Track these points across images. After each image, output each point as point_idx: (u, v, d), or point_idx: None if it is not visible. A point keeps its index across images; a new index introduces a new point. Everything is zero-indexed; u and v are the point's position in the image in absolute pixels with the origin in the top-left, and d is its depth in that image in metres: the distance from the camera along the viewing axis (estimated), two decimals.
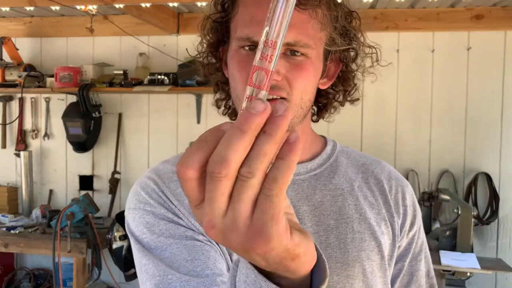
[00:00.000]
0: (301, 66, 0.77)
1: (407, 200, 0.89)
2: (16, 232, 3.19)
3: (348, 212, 0.84)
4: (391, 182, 0.90)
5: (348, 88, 0.89)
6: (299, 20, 0.75)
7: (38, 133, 3.82)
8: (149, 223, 0.78)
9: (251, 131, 0.38)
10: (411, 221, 0.89)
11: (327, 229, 0.82)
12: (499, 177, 3.31)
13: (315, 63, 0.79)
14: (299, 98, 0.78)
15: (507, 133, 3.29)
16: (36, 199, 3.80)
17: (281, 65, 0.75)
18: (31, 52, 3.82)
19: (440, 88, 3.34)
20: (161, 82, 3.32)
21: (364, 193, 0.87)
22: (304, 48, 0.76)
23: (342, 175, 0.88)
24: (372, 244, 0.83)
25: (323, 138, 0.95)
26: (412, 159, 3.37)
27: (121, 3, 2.79)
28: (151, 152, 3.68)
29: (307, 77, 0.78)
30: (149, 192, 0.81)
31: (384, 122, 3.40)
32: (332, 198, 0.85)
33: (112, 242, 3.03)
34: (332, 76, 0.86)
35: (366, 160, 0.93)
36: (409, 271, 0.89)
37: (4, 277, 3.68)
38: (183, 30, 3.56)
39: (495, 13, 3.24)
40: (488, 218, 3.27)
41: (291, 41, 0.75)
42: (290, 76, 0.76)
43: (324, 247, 0.81)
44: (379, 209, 0.86)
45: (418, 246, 0.90)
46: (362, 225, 0.84)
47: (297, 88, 0.77)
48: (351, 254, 0.81)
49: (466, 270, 2.50)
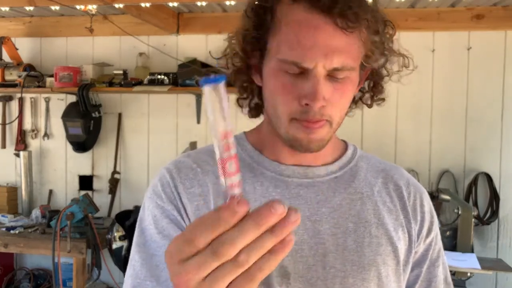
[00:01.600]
0: (343, 89, 0.77)
1: (425, 207, 0.90)
2: (16, 232, 3.19)
3: (366, 216, 0.84)
4: (409, 188, 0.90)
5: (376, 92, 0.91)
6: (347, 44, 0.74)
7: (38, 133, 3.82)
8: (155, 217, 0.81)
9: (264, 227, 0.42)
10: (428, 227, 0.89)
11: (345, 232, 0.82)
12: (500, 177, 3.30)
13: (354, 80, 0.80)
14: (339, 117, 0.80)
15: (508, 133, 3.29)
16: (35, 199, 3.79)
17: (326, 90, 0.74)
18: (31, 52, 3.82)
19: (441, 88, 3.34)
20: (161, 82, 3.32)
21: (383, 198, 0.87)
22: (349, 71, 0.76)
23: (362, 180, 0.88)
24: (388, 249, 0.83)
25: (344, 142, 0.96)
26: (413, 159, 3.36)
27: (121, 3, 2.79)
28: (151, 152, 3.67)
29: (348, 97, 0.80)
30: (164, 185, 0.83)
31: (384, 122, 3.39)
32: (351, 202, 0.85)
33: (112, 242, 3.03)
34: (362, 81, 0.87)
35: (386, 166, 0.93)
36: (427, 278, 0.89)
37: (4, 277, 3.68)
38: (183, 30, 3.55)
39: (496, 13, 3.23)
40: (488, 218, 3.26)
41: (338, 66, 0.74)
42: (333, 100, 0.76)
43: (342, 249, 0.81)
44: (397, 215, 0.87)
45: (436, 252, 0.91)
46: (380, 230, 0.84)
47: (339, 108, 0.78)
48: (367, 257, 0.81)
49: (467, 270, 2.50)
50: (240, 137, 0.91)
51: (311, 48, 0.73)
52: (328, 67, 0.74)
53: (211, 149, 0.87)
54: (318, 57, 0.73)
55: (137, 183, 3.67)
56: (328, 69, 0.74)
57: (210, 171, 0.84)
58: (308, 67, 0.73)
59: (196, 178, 0.83)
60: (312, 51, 0.73)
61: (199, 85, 0.44)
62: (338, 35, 0.73)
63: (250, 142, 0.90)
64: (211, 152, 0.85)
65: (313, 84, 0.74)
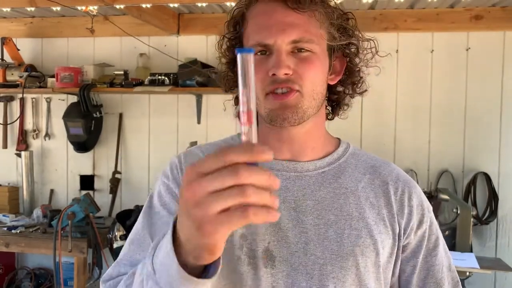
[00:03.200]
0: (308, 60, 0.86)
1: (413, 200, 0.94)
2: (17, 231, 3.20)
3: (348, 210, 0.90)
4: (397, 184, 0.95)
5: (355, 80, 0.97)
6: (301, 20, 0.86)
7: (39, 133, 3.83)
8: (160, 193, 0.94)
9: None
10: (419, 219, 0.93)
11: (326, 223, 0.88)
12: (498, 177, 3.32)
13: (321, 57, 0.88)
14: (310, 89, 0.87)
15: (506, 133, 3.30)
16: (37, 199, 3.81)
17: (290, 61, 0.85)
18: (32, 53, 3.83)
19: (439, 89, 3.35)
20: (161, 83, 3.33)
21: (367, 194, 0.92)
22: (308, 43, 0.86)
23: (348, 176, 0.94)
24: (367, 241, 0.88)
25: (337, 140, 1.01)
26: (412, 159, 3.38)
27: (122, 3, 2.80)
28: (152, 152, 3.69)
29: (315, 69, 0.87)
30: (172, 167, 0.96)
31: (383, 122, 3.40)
32: (335, 196, 0.91)
33: (113, 242, 3.04)
34: (339, 72, 0.95)
35: (376, 162, 0.98)
36: (425, 267, 0.94)
37: (5, 277, 3.69)
38: (183, 31, 3.57)
39: (494, 14, 3.25)
40: (487, 218, 3.28)
41: (296, 38, 0.85)
42: (299, 70, 0.85)
43: (322, 239, 0.87)
44: (379, 210, 0.92)
45: (432, 242, 0.95)
46: (360, 223, 0.89)
47: (307, 79, 0.86)
48: (346, 247, 0.87)
49: (465, 269, 2.51)
50: (233, 138, 1.01)
51: (269, 27, 0.85)
52: (287, 40, 0.85)
53: (217, 143, 1.01)
54: (276, 33, 0.85)
55: (138, 182, 3.68)
56: (288, 42, 0.85)
57: None
58: (269, 43, 0.85)
59: None
60: (270, 29, 0.85)
61: (235, 52, 0.57)
62: (291, 13, 0.85)
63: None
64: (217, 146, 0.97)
65: (276, 56, 0.85)
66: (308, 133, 0.92)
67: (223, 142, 1.02)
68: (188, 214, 0.54)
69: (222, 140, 1.03)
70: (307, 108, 0.87)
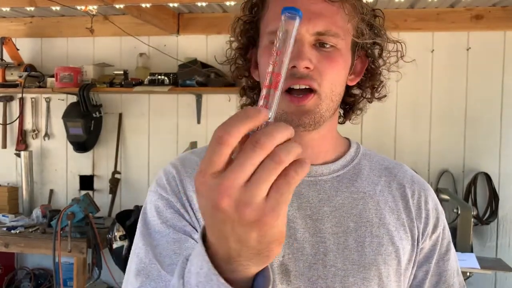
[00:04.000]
0: (331, 57, 0.78)
1: (429, 204, 0.90)
2: (17, 232, 3.20)
3: (368, 216, 0.84)
4: (413, 186, 0.90)
5: (375, 84, 0.91)
6: (329, 11, 0.78)
7: (39, 133, 3.83)
8: (159, 208, 0.81)
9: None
10: (434, 224, 0.89)
11: (346, 231, 0.82)
12: (499, 177, 3.31)
13: (345, 55, 0.81)
14: (329, 90, 0.79)
15: (507, 133, 3.30)
16: (36, 199, 3.80)
17: (312, 54, 0.77)
18: (32, 52, 3.82)
19: (440, 88, 3.35)
20: (161, 82, 3.32)
21: (385, 198, 0.87)
22: (334, 38, 0.78)
23: (365, 179, 0.88)
24: (389, 249, 0.83)
25: (347, 140, 0.95)
26: (412, 159, 3.37)
27: (121, 3, 2.80)
28: (151, 152, 3.68)
29: (337, 68, 0.79)
30: (169, 178, 0.84)
31: (383, 122, 3.40)
32: (353, 201, 0.85)
33: (112, 242, 3.04)
34: (359, 72, 0.88)
35: (389, 164, 0.93)
36: (437, 272, 0.89)
37: (5, 277, 3.69)
38: (183, 31, 3.56)
39: (495, 13, 3.24)
40: (487, 218, 3.27)
41: (321, 30, 0.77)
42: (320, 67, 0.77)
43: (342, 248, 0.81)
44: (399, 214, 0.86)
45: (444, 246, 0.91)
46: (381, 229, 0.84)
47: (327, 79, 0.78)
48: (368, 257, 0.81)
49: (466, 270, 2.50)
50: None
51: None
52: (311, 30, 0.76)
53: None
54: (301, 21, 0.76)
55: (138, 183, 3.68)
56: (312, 33, 0.77)
57: None
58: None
59: None
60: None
61: (281, 12, 0.51)
62: (319, 1, 0.77)
63: None
64: None
65: (298, 46, 0.76)
66: (323, 137, 0.86)
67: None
68: (238, 222, 0.45)
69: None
70: (324, 112, 0.80)
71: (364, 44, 0.84)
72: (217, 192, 0.44)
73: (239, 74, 0.91)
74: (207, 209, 0.46)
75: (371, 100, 0.93)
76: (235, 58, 0.90)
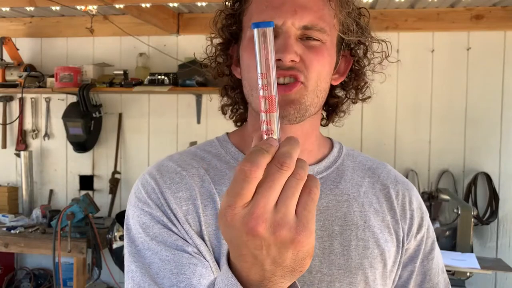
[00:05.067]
0: (317, 50, 0.76)
1: (413, 204, 0.89)
2: (17, 232, 3.20)
3: (353, 219, 0.83)
4: (397, 187, 0.89)
5: (360, 84, 0.88)
6: (315, 5, 0.76)
7: (39, 133, 3.82)
8: (145, 224, 0.77)
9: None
10: (418, 223, 0.88)
11: (331, 235, 0.81)
12: (499, 177, 3.31)
13: (330, 50, 0.78)
14: (314, 84, 0.77)
15: (507, 133, 3.30)
16: (36, 199, 3.80)
17: (298, 47, 0.75)
18: (31, 52, 3.82)
19: (440, 88, 3.35)
20: (161, 82, 3.32)
21: (370, 199, 0.86)
22: (320, 32, 0.76)
23: (348, 180, 0.86)
24: (375, 252, 0.82)
25: (329, 140, 0.93)
26: (412, 159, 3.37)
27: (121, 3, 2.80)
28: (151, 152, 3.68)
29: (323, 61, 0.77)
30: (148, 191, 0.79)
31: (383, 122, 3.40)
32: (337, 204, 0.83)
33: (112, 242, 3.04)
34: (343, 72, 0.85)
35: (372, 164, 0.91)
36: (421, 271, 0.89)
37: (5, 277, 3.69)
38: (183, 30, 3.56)
39: (495, 13, 3.24)
40: (488, 218, 3.27)
41: (307, 24, 0.75)
42: (306, 59, 0.75)
43: (328, 253, 0.80)
44: (384, 216, 0.85)
45: (429, 245, 0.90)
46: (366, 232, 0.82)
47: (313, 72, 0.76)
48: (354, 261, 0.80)
49: (466, 270, 2.50)
50: (223, 139, 0.89)
51: (279, 6, 0.75)
52: (297, 24, 0.74)
53: (194, 152, 0.87)
54: (287, 13, 0.74)
55: None
56: (298, 27, 0.75)
57: (196, 175, 0.81)
58: (277, 24, 0.74)
59: (182, 182, 0.80)
60: (280, 9, 0.75)
61: (251, 27, 0.50)
62: None
63: (233, 143, 0.87)
64: (195, 155, 0.85)
65: (283, 39, 0.74)
66: (305, 135, 0.83)
67: (199, 149, 0.88)
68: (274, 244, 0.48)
69: (197, 147, 0.89)
70: (309, 105, 0.77)
71: (349, 42, 0.82)
72: (252, 220, 0.47)
73: (219, 72, 0.88)
74: (241, 239, 0.48)
75: (355, 101, 0.90)
76: (216, 56, 0.88)
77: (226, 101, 0.92)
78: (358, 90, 0.89)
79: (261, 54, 0.49)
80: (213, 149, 0.87)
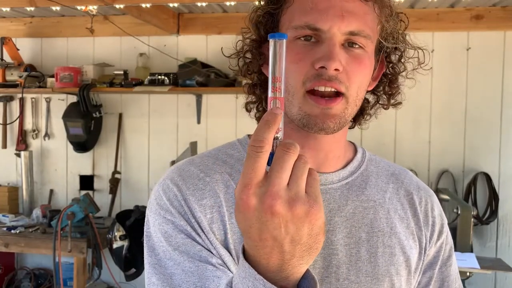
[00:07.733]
0: (359, 60, 0.74)
1: (435, 211, 0.88)
2: (17, 232, 3.20)
3: (379, 225, 0.82)
4: (420, 193, 0.88)
5: (393, 91, 0.87)
6: (361, 10, 0.73)
7: (39, 133, 3.83)
8: (167, 233, 0.73)
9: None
10: (439, 230, 0.88)
11: (358, 242, 0.80)
12: (499, 177, 3.31)
13: (371, 57, 0.77)
14: (355, 94, 0.75)
15: (507, 133, 3.30)
16: (36, 199, 3.80)
17: (342, 55, 0.72)
18: (32, 52, 3.83)
19: (440, 88, 3.35)
20: (161, 82, 3.32)
21: (395, 206, 0.85)
22: (365, 39, 0.73)
23: (373, 186, 0.85)
24: (401, 259, 0.81)
25: (352, 144, 0.92)
26: (412, 159, 3.37)
27: (122, 3, 2.80)
28: (151, 152, 3.68)
29: (365, 71, 0.75)
30: (170, 198, 0.75)
31: (383, 122, 3.40)
32: (364, 210, 0.82)
33: (112, 242, 3.04)
34: (376, 77, 0.83)
35: (395, 170, 0.91)
36: (439, 278, 0.88)
37: (5, 277, 3.69)
38: (183, 31, 3.56)
39: (495, 13, 3.24)
40: (487, 218, 3.27)
41: (354, 30, 0.72)
42: (349, 69, 0.73)
43: (355, 260, 0.79)
44: (408, 223, 0.85)
45: (447, 252, 0.89)
46: (393, 239, 0.82)
47: (355, 82, 0.74)
48: (381, 268, 0.79)
49: (466, 270, 2.50)
50: (245, 142, 0.86)
51: (326, 10, 0.72)
52: (344, 29, 0.71)
53: (216, 155, 0.83)
54: (334, 18, 0.71)
55: (138, 183, 3.68)
56: (344, 32, 0.72)
57: (220, 180, 0.78)
58: (322, 28, 0.71)
59: (206, 188, 0.77)
60: (327, 13, 0.71)
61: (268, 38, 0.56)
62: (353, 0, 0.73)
63: None
64: (216, 159, 0.81)
65: (328, 45, 0.71)
66: (336, 142, 0.82)
67: (220, 152, 0.84)
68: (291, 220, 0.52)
69: (218, 150, 0.85)
70: (349, 117, 0.76)
71: (386, 48, 0.80)
72: (269, 198, 0.51)
73: (249, 69, 0.83)
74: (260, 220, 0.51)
75: (387, 107, 0.89)
76: (245, 52, 0.83)
77: (251, 99, 0.89)
78: (390, 96, 0.88)
79: (275, 61, 0.55)
80: (235, 152, 0.83)
